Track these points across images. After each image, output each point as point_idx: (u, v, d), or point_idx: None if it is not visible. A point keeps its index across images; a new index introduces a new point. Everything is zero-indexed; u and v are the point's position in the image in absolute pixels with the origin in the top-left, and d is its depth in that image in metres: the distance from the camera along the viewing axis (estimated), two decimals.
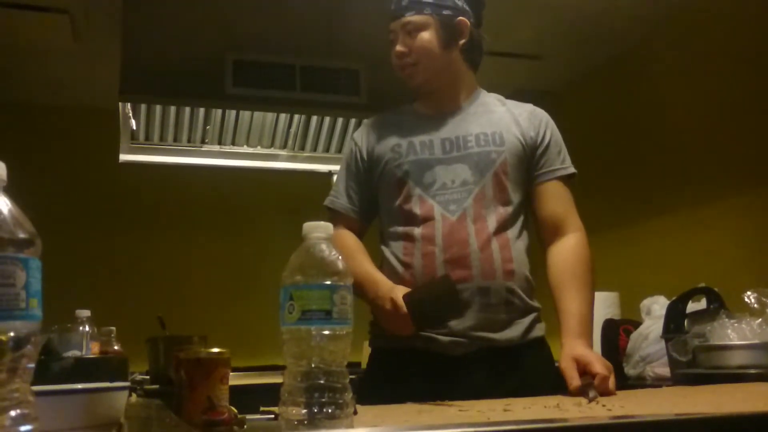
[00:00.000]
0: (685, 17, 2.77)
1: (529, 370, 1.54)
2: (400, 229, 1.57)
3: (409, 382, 1.48)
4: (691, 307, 2.09)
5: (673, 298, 2.13)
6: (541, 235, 1.63)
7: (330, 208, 1.69)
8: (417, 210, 1.55)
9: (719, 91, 2.66)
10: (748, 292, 1.82)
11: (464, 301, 1.48)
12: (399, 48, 1.60)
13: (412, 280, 1.52)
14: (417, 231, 1.54)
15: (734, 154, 2.59)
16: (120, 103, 3.04)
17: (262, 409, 1.06)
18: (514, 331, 1.54)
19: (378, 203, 1.67)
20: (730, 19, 2.62)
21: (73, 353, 1.66)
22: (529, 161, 1.61)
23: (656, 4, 2.77)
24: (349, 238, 1.64)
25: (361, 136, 1.69)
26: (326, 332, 0.87)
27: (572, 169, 1.65)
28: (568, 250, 1.57)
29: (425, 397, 1.24)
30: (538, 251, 1.63)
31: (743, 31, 2.58)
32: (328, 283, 0.88)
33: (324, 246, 0.92)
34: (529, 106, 1.69)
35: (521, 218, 1.60)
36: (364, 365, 2.87)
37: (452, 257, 1.50)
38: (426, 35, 1.60)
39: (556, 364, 1.45)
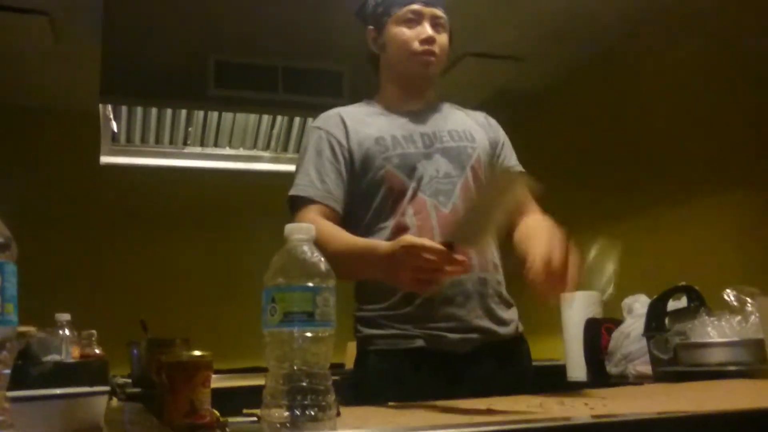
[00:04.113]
0: (667, 16, 2.79)
1: (525, 362, 1.62)
2: (390, 222, 1.55)
3: (413, 383, 1.46)
4: (672, 305, 2.11)
5: (655, 297, 2.15)
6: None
7: (302, 197, 1.55)
8: (409, 203, 1.55)
9: (702, 91, 2.69)
10: (728, 291, 1.84)
11: (467, 293, 1.51)
12: (433, 33, 1.60)
13: None
14: (410, 224, 1.53)
15: (714, 154, 2.62)
16: (101, 105, 3.02)
17: (244, 411, 1.05)
18: (511, 324, 1.59)
19: (350, 193, 1.59)
20: (713, 18, 2.64)
21: (53, 357, 1.64)
22: (492, 160, 1.69)
23: (639, 3, 2.79)
24: (326, 222, 1.52)
25: (334, 124, 1.61)
26: (309, 334, 0.87)
27: (521, 168, 1.74)
28: (538, 218, 1.61)
29: (431, 398, 1.23)
30: None
31: (726, 30, 2.60)
32: (311, 284, 0.88)
33: (306, 248, 0.92)
34: (481, 112, 1.77)
35: None
36: (348, 366, 2.87)
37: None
38: (446, 37, 1.64)
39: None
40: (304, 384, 0.85)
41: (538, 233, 1.44)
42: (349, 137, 1.60)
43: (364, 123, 1.63)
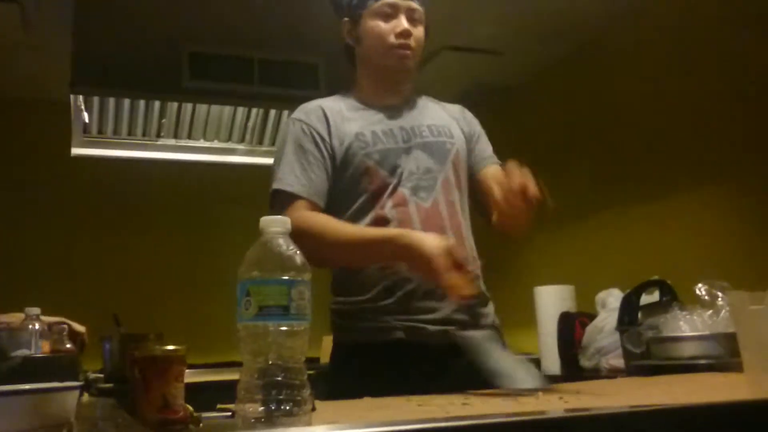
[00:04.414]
0: (644, 11, 2.82)
1: None
2: (368, 218, 1.55)
3: (390, 376, 1.44)
4: (645, 299, 2.13)
5: (628, 291, 2.17)
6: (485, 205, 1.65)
7: (287, 192, 1.52)
8: (389, 199, 1.55)
9: (677, 86, 2.71)
10: (700, 285, 1.86)
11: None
12: (408, 27, 1.58)
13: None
14: (390, 216, 1.52)
15: (688, 150, 2.65)
16: (72, 96, 2.96)
17: (218, 406, 1.04)
18: (488, 318, 1.60)
19: (331, 188, 1.58)
20: (687, 13, 2.66)
21: (22, 352, 1.61)
22: (469, 153, 1.69)
23: None
24: (324, 215, 1.52)
25: (316, 118, 1.60)
26: (284, 328, 0.86)
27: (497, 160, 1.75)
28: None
29: (409, 390, 1.22)
30: None
31: (700, 26, 2.63)
32: (286, 278, 0.87)
33: (281, 240, 0.91)
34: (458, 106, 1.78)
35: (468, 208, 1.65)
36: (323, 360, 2.86)
37: None
38: (422, 30, 1.63)
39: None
40: (279, 378, 0.84)
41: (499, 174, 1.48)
42: (331, 133, 1.58)
43: (345, 118, 1.61)
